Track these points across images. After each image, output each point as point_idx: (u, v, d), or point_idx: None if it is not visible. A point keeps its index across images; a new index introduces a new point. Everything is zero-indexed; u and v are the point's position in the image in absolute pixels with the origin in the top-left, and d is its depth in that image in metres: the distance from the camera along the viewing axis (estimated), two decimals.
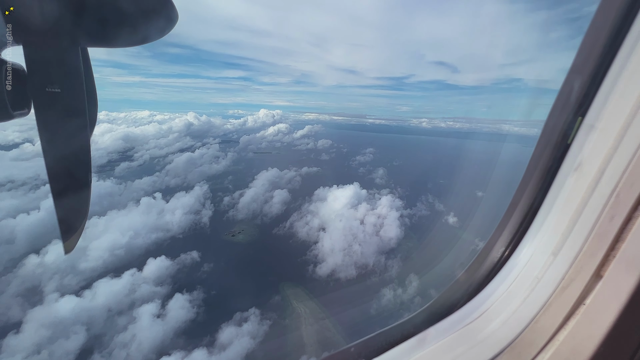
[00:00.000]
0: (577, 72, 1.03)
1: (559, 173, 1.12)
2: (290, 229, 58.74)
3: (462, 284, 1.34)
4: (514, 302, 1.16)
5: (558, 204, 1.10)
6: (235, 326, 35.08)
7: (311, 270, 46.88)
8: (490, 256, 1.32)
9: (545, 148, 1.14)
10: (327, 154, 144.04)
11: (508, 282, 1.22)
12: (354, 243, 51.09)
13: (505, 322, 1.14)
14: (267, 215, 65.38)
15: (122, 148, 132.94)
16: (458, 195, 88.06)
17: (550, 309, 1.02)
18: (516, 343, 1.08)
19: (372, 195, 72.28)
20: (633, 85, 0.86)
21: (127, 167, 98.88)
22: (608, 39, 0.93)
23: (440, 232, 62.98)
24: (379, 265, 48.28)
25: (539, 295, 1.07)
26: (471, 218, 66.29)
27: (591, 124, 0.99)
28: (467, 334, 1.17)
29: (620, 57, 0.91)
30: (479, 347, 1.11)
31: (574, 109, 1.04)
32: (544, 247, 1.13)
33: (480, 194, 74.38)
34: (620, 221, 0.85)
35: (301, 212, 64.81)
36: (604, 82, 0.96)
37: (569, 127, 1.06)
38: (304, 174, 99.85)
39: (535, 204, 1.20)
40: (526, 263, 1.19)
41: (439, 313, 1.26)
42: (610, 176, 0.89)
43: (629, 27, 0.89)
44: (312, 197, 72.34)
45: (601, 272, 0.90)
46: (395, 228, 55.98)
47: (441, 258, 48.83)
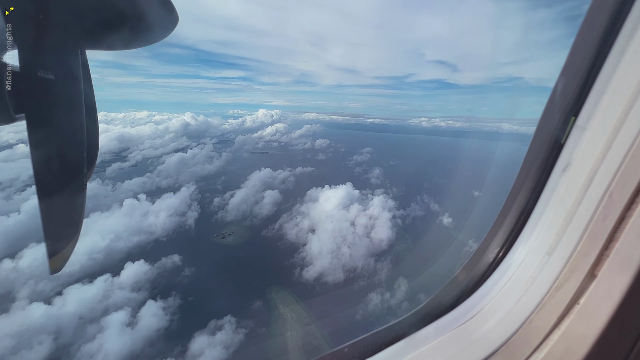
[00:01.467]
0: (569, 72, 1.03)
1: (553, 173, 1.12)
2: (279, 231, 57.21)
3: (457, 284, 1.33)
4: (509, 302, 1.16)
5: (552, 204, 1.10)
6: (209, 335, 33.53)
7: (298, 273, 45.34)
8: (485, 256, 1.32)
9: (539, 148, 1.15)
10: (324, 154, 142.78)
11: (503, 282, 1.22)
12: (342, 245, 49.48)
13: (499, 321, 1.14)
14: (256, 216, 63.87)
15: (117, 148, 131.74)
16: (454, 195, 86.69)
17: (545, 309, 1.02)
18: (510, 343, 1.08)
19: (365, 196, 70.70)
20: (624, 86, 0.86)
21: (118, 167, 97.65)
22: (599, 40, 0.94)
23: (434, 232, 61.41)
24: (368, 268, 46.66)
25: (534, 295, 1.07)
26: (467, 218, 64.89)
27: (583, 125, 0.99)
28: (462, 333, 1.17)
29: (611, 57, 0.91)
30: (474, 346, 1.11)
31: (567, 109, 1.04)
32: (538, 247, 1.13)
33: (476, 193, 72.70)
34: (613, 221, 0.85)
35: (291, 214, 63.29)
36: (596, 82, 0.96)
37: (562, 127, 1.06)
38: (298, 174, 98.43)
39: (529, 204, 1.20)
40: (521, 263, 1.19)
41: (434, 313, 1.26)
42: (603, 176, 0.89)
43: (620, 27, 0.89)
44: (304, 198, 70.82)
45: (595, 272, 0.90)
46: (387, 229, 54.41)
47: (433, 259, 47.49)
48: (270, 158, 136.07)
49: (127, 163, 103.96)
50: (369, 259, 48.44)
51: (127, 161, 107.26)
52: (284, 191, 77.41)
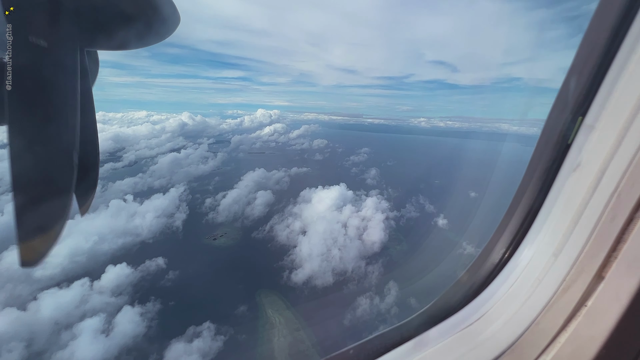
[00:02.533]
0: (576, 71, 1.02)
1: (560, 173, 1.11)
2: (270, 233, 56.10)
3: (462, 285, 1.32)
4: (515, 303, 1.15)
5: (559, 204, 1.10)
6: (185, 342, 32.34)
7: (286, 276, 44.22)
8: (491, 257, 1.30)
9: (546, 148, 1.14)
10: (321, 154, 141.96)
11: (509, 283, 1.21)
12: (333, 247, 48.34)
13: (506, 323, 1.13)
14: (248, 218, 62.73)
15: (112, 148, 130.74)
16: (451, 196, 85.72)
17: (552, 311, 1.01)
18: (517, 345, 1.07)
19: (359, 197, 69.58)
20: (633, 85, 0.85)
21: (111, 167, 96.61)
22: (607, 39, 0.93)
23: (428, 234, 60.21)
24: (359, 271, 45.51)
25: (540, 297, 1.06)
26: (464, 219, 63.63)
27: (591, 124, 0.98)
28: (468, 335, 1.16)
29: (620, 57, 0.90)
30: (480, 348, 1.10)
31: (574, 109, 1.03)
32: (544, 248, 1.12)
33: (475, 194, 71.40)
34: (621, 222, 0.84)
35: (283, 215, 62.20)
36: (603, 81, 0.95)
37: (569, 127, 1.05)
38: (294, 175, 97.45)
39: (535, 205, 1.19)
40: (527, 264, 1.18)
41: (440, 315, 1.25)
42: (611, 176, 0.88)
43: (628, 26, 0.88)
44: (297, 199, 69.72)
45: (603, 274, 0.89)
46: (379, 231, 53.24)
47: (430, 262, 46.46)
48: (267, 158, 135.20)
49: (120, 163, 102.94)
50: (360, 261, 47.32)
51: (120, 161, 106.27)
52: (277, 192, 76.36)
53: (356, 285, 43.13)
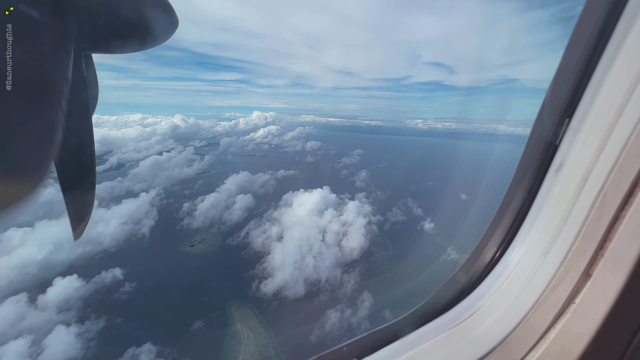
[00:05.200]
0: (563, 74, 1.05)
1: (548, 174, 1.13)
2: (245, 239, 52.95)
3: (454, 283, 1.34)
4: (506, 301, 1.17)
5: (547, 205, 1.12)
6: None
7: (255, 286, 41.07)
8: (482, 256, 1.33)
9: (534, 150, 1.16)
10: (313, 156, 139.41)
11: (499, 281, 1.23)
12: (307, 255, 45.25)
13: (496, 321, 1.15)
14: (225, 223, 59.57)
15: (98, 151, 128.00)
16: (442, 198, 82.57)
17: (541, 308, 1.04)
18: (507, 342, 1.09)
19: (342, 200, 66.48)
20: (617, 87, 0.88)
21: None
22: (592, 42, 0.95)
23: (414, 238, 57.06)
24: (334, 280, 42.36)
25: (530, 295, 1.08)
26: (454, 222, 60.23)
27: (578, 126, 1.01)
28: (459, 333, 1.18)
29: (604, 59, 0.93)
30: (470, 345, 1.12)
31: (561, 110, 1.06)
32: (534, 247, 1.15)
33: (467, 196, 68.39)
34: (607, 221, 0.86)
35: (261, 220, 59.03)
36: (589, 84, 0.97)
37: (557, 128, 1.08)
38: (280, 178, 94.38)
39: (525, 205, 1.22)
40: (517, 263, 1.21)
41: (432, 312, 1.27)
42: (597, 177, 0.90)
43: (612, 30, 0.90)
44: (278, 203, 66.59)
45: (590, 272, 0.91)
46: (359, 236, 50.17)
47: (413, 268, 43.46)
48: (256, 161, 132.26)
49: (101, 167, 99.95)
50: (336, 269, 44.21)
51: (102, 164, 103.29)
52: (259, 195, 73.25)
53: (328, 295, 40.10)
